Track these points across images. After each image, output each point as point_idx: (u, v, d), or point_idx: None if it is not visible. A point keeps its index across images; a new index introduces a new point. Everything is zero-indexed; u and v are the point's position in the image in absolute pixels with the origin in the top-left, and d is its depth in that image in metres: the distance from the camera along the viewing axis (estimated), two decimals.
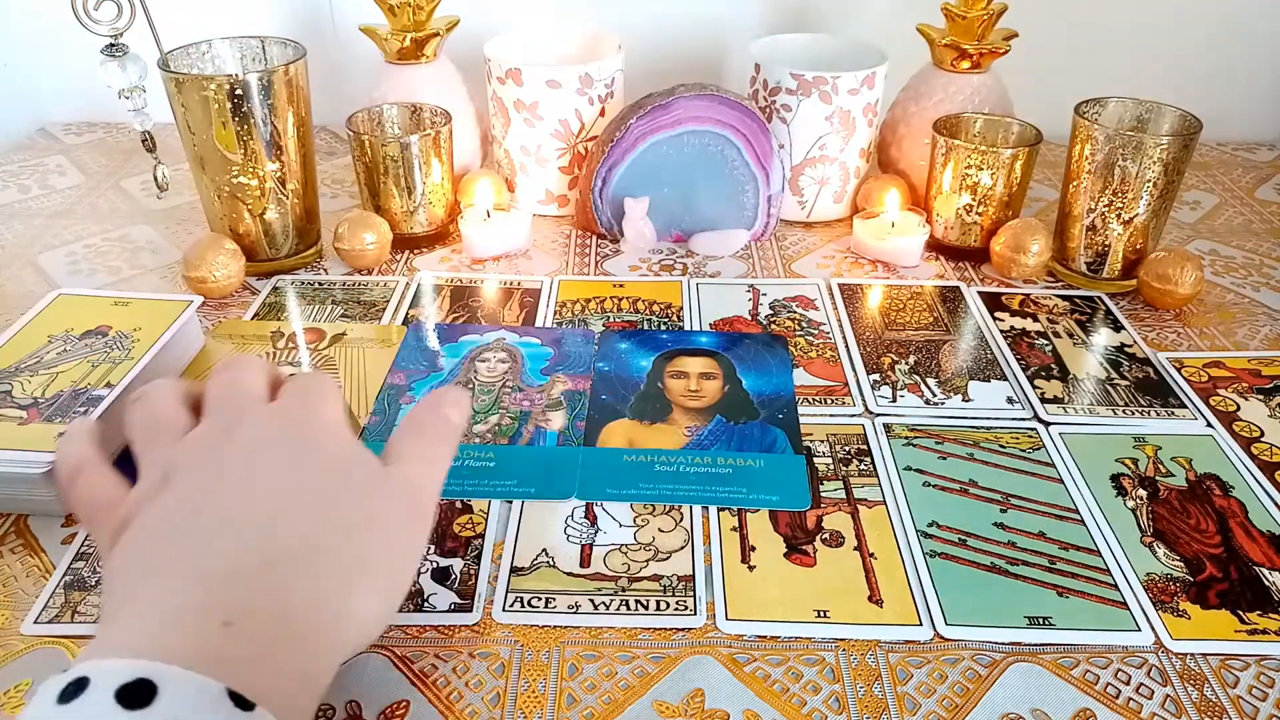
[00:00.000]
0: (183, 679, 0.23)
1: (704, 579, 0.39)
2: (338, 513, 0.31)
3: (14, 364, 0.45)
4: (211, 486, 0.31)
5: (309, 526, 0.30)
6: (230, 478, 0.31)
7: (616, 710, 0.34)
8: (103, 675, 0.23)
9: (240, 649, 0.25)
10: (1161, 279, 0.58)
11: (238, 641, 0.26)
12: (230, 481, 0.31)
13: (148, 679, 0.23)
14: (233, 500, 0.30)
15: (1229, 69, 0.85)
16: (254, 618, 0.26)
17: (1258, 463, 0.46)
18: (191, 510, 0.30)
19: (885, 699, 0.34)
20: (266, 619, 0.27)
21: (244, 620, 0.26)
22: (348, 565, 0.30)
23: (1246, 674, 0.36)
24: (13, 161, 0.79)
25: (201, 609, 0.26)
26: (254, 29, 0.77)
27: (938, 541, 0.41)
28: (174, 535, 0.30)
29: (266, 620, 0.27)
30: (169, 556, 0.29)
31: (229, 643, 0.25)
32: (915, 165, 0.69)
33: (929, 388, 0.51)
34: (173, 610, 0.26)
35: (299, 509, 0.30)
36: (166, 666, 0.23)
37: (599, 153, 0.63)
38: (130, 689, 0.23)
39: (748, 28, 0.83)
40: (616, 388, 0.51)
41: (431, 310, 0.58)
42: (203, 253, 0.57)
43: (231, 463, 0.32)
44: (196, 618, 0.26)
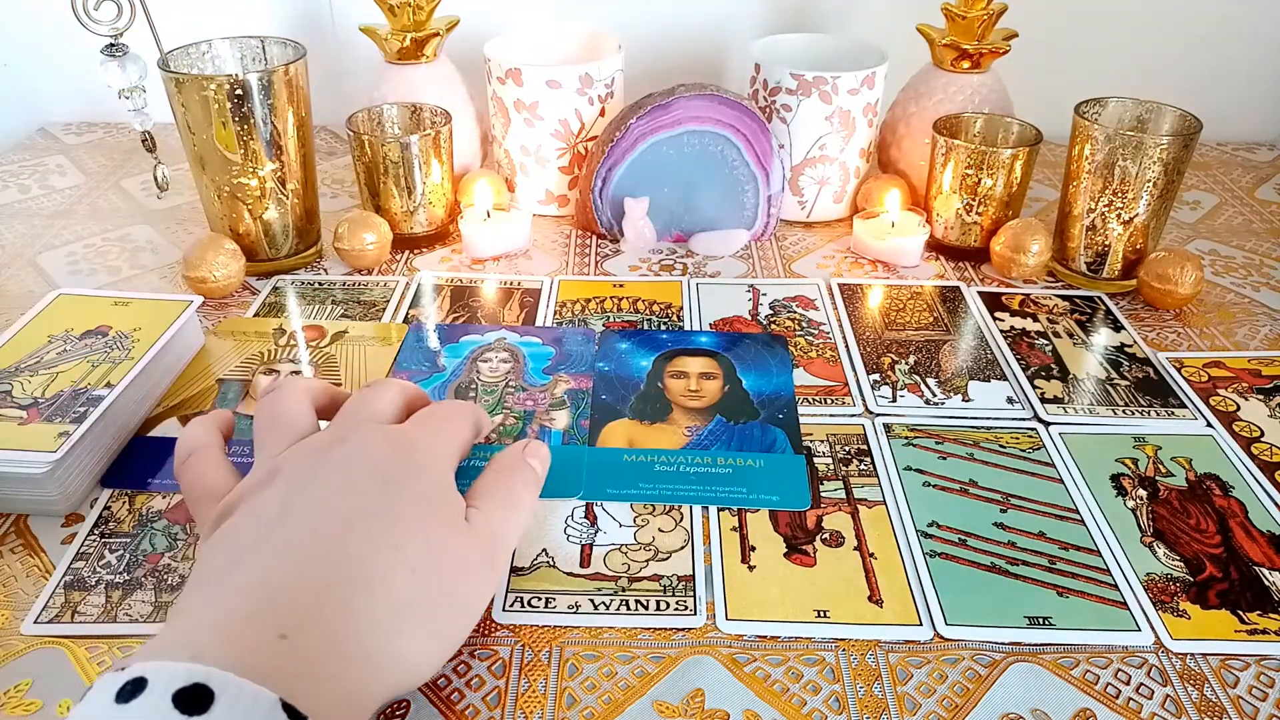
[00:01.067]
0: (239, 687, 0.23)
1: (704, 579, 0.39)
2: (409, 550, 0.30)
3: (14, 364, 0.45)
4: (299, 496, 0.31)
5: (377, 557, 0.30)
6: (318, 491, 0.32)
7: (616, 710, 0.34)
8: (160, 677, 0.23)
9: (293, 663, 0.25)
10: (1161, 279, 0.58)
11: (291, 655, 0.26)
12: (317, 495, 0.31)
13: (205, 684, 0.23)
14: (313, 514, 0.31)
15: (1229, 69, 0.85)
16: (308, 635, 0.26)
17: (1258, 463, 0.46)
18: (275, 517, 0.31)
19: (885, 699, 0.34)
20: (320, 638, 0.27)
21: (298, 635, 0.26)
22: (407, 604, 0.29)
23: (1246, 674, 0.36)
24: (13, 161, 0.79)
25: (261, 619, 0.27)
26: (254, 29, 0.78)
27: (938, 541, 0.41)
28: (253, 539, 0.30)
29: (320, 639, 0.27)
30: (243, 560, 0.29)
31: (283, 655, 0.26)
32: (915, 165, 0.69)
33: (929, 388, 0.51)
34: (234, 616, 0.27)
35: (371, 537, 0.30)
36: (223, 673, 0.23)
37: (599, 153, 0.63)
38: (187, 693, 0.23)
39: (748, 28, 0.83)
40: (616, 388, 0.51)
41: (431, 310, 0.58)
42: (203, 253, 0.57)
43: (325, 476, 0.32)
44: (255, 627, 0.26)
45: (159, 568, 0.39)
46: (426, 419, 0.37)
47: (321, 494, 0.31)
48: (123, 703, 0.23)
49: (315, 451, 0.34)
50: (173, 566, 0.39)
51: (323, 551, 0.29)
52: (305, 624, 0.27)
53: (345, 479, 0.32)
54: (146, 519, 0.42)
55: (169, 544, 0.40)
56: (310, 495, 0.31)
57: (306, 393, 0.38)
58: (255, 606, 0.27)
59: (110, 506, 0.42)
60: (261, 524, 0.31)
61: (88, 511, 0.42)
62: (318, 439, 0.35)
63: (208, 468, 0.36)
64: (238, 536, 0.31)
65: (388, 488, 0.32)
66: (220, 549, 0.31)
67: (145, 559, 0.40)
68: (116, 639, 0.36)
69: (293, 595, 0.28)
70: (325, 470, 0.33)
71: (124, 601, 0.38)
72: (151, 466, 0.44)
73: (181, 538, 0.41)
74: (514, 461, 0.37)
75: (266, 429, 0.36)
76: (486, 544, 0.34)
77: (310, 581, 0.28)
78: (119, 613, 0.37)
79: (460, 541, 0.32)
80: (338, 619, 0.28)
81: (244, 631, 0.26)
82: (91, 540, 0.40)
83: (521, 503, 0.36)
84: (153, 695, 0.23)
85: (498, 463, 0.37)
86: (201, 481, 0.35)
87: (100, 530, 0.41)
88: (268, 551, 0.29)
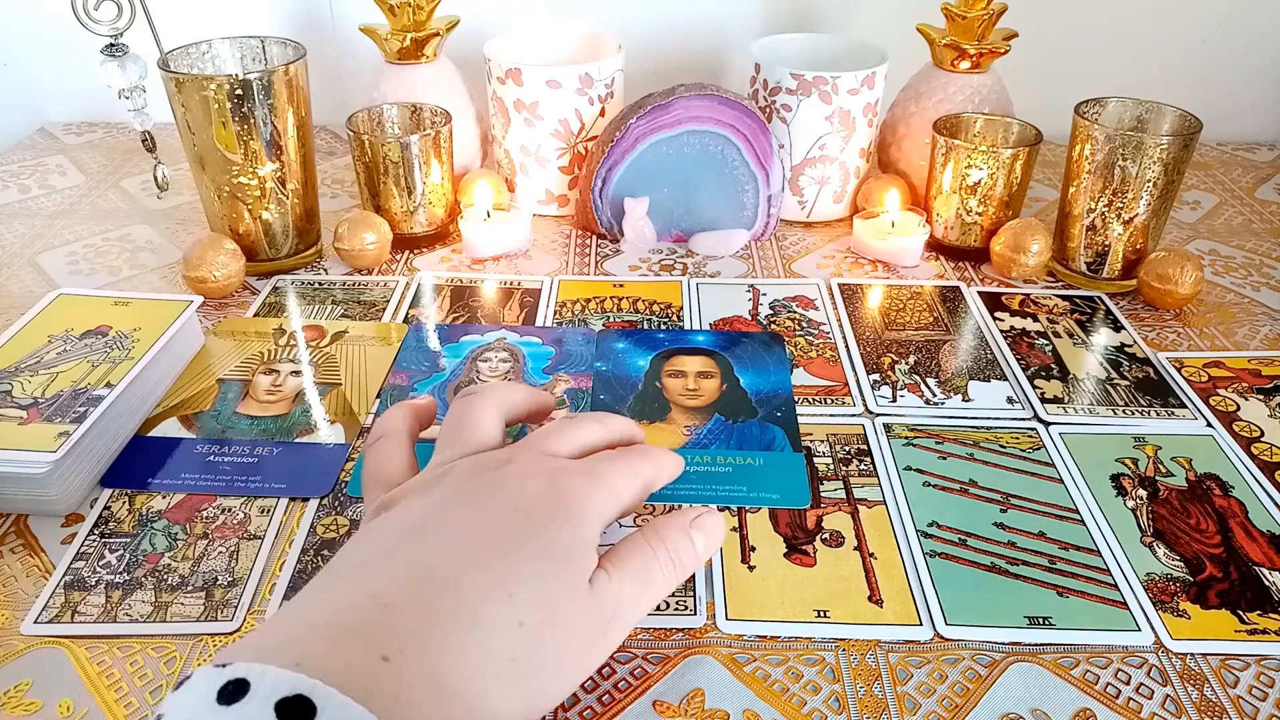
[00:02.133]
0: (342, 705, 0.23)
1: (704, 579, 0.39)
2: (523, 598, 0.29)
3: (14, 364, 0.45)
4: (441, 514, 0.31)
5: (488, 598, 0.29)
6: (459, 513, 0.31)
7: (616, 710, 0.34)
8: (264, 682, 0.23)
9: (391, 689, 0.25)
10: (1161, 279, 0.58)
11: (390, 680, 0.25)
12: (455, 516, 0.31)
13: (308, 697, 0.23)
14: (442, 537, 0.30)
15: (1229, 69, 0.85)
16: (408, 662, 0.26)
17: (1258, 463, 0.46)
18: (412, 529, 0.31)
19: (885, 699, 0.34)
20: (419, 668, 0.26)
21: (399, 661, 0.26)
22: (506, 655, 0.28)
23: (1246, 674, 0.36)
24: (13, 161, 0.79)
25: (366, 634, 0.26)
26: (254, 29, 0.78)
27: (938, 541, 0.41)
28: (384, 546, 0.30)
29: (419, 669, 0.26)
30: (369, 565, 0.29)
31: (383, 679, 0.25)
32: (915, 165, 0.69)
33: (929, 388, 0.51)
34: (342, 626, 0.26)
35: (488, 576, 0.29)
36: (327, 688, 0.23)
37: (599, 153, 0.63)
38: (290, 704, 0.23)
39: (748, 28, 0.83)
40: (615, 388, 0.51)
41: (431, 310, 0.58)
42: (203, 253, 0.57)
43: (472, 499, 0.32)
44: (359, 642, 0.26)
45: (159, 568, 0.39)
46: (596, 465, 0.34)
47: (459, 517, 0.31)
48: (224, 704, 0.23)
49: (477, 470, 0.33)
50: (172, 566, 0.39)
51: (436, 579, 0.29)
52: (407, 650, 0.26)
53: (487, 508, 0.31)
54: (146, 519, 0.42)
55: (169, 544, 0.40)
56: (450, 515, 0.31)
57: (499, 403, 0.37)
58: (364, 620, 0.27)
59: (110, 506, 0.42)
60: (398, 532, 0.31)
61: (88, 511, 0.42)
62: (488, 457, 0.34)
63: (390, 455, 0.36)
64: (375, 538, 0.31)
65: (522, 530, 0.31)
66: (357, 546, 0.31)
67: (145, 559, 0.40)
68: (116, 639, 0.36)
69: (400, 616, 0.27)
70: (474, 494, 0.32)
71: (124, 601, 0.38)
72: (151, 466, 0.44)
73: (181, 538, 0.41)
74: (670, 532, 0.34)
75: (449, 432, 0.36)
76: (604, 612, 0.31)
77: (417, 606, 0.28)
78: (119, 613, 0.37)
79: (577, 604, 0.30)
80: (439, 653, 0.27)
81: (348, 645, 0.26)
82: (91, 540, 0.40)
83: (656, 581, 0.33)
84: (255, 701, 0.23)
85: (653, 527, 0.34)
86: (379, 467, 0.36)
87: (100, 530, 0.41)
88: (389, 564, 0.29)
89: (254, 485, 0.43)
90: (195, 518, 0.42)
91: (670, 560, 0.33)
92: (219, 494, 0.43)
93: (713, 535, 0.35)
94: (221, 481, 0.44)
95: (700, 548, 0.34)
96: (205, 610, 0.37)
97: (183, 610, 0.37)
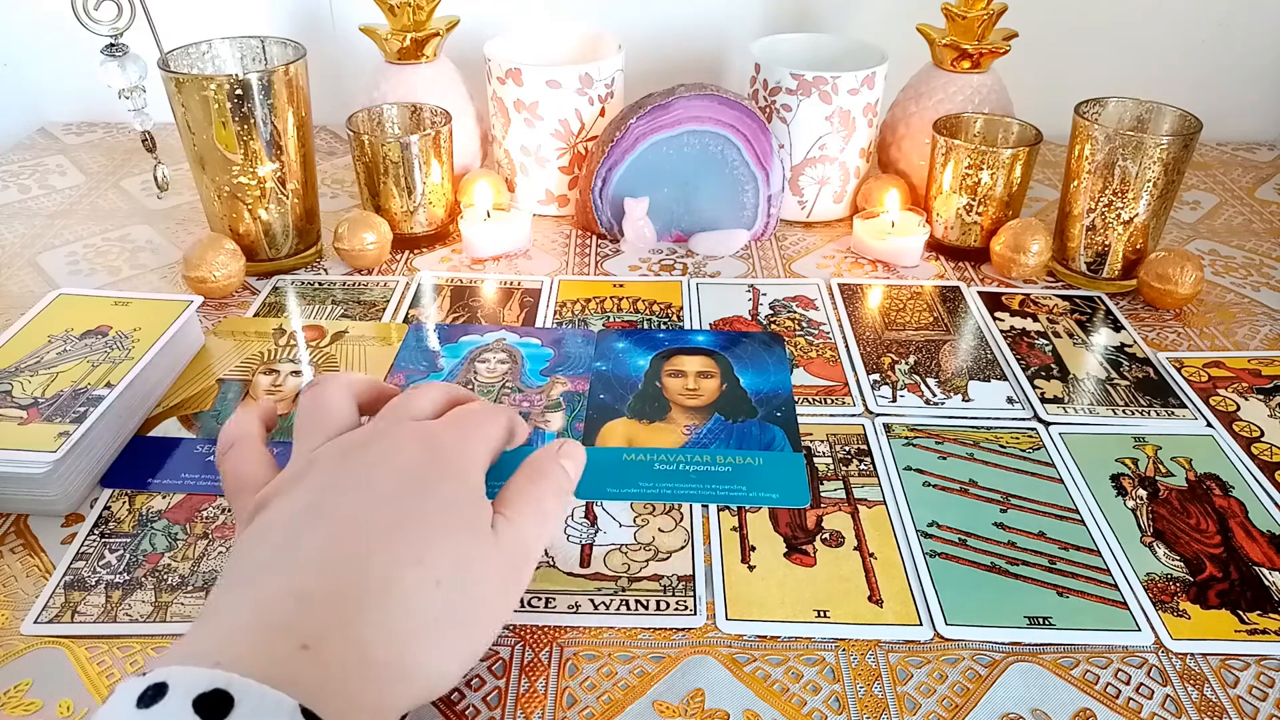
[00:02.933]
0: (260, 694, 0.23)
1: (704, 579, 0.39)
2: (434, 559, 0.30)
3: (14, 364, 0.45)
4: (327, 499, 0.31)
5: (400, 570, 0.29)
6: (346, 494, 0.31)
7: (616, 710, 0.34)
8: (181, 682, 0.23)
9: (314, 673, 0.25)
10: (1161, 279, 0.58)
11: (312, 665, 0.26)
12: (344, 498, 0.31)
13: (225, 690, 0.23)
14: (338, 520, 0.30)
15: (1229, 69, 0.85)
16: (330, 645, 0.26)
17: (1258, 463, 0.46)
18: (303, 520, 0.31)
19: (885, 699, 0.34)
20: (341, 649, 0.26)
21: (320, 646, 0.26)
22: (430, 615, 0.29)
23: (1246, 674, 0.36)
24: (13, 161, 0.79)
25: (284, 627, 0.26)
26: (254, 29, 0.78)
27: (938, 541, 0.41)
28: (280, 542, 0.30)
29: (341, 650, 0.26)
30: (270, 562, 0.29)
31: (304, 665, 0.25)
32: (915, 165, 0.69)
33: (929, 388, 0.51)
34: (258, 624, 0.27)
35: (395, 548, 0.30)
36: (244, 680, 0.23)
37: (599, 153, 0.63)
38: (208, 699, 0.23)
39: (748, 28, 0.83)
40: (614, 387, 0.51)
41: (431, 310, 0.58)
42: (203, 253, 0.57)
43: (354, 478, 0.32)
44: (278, 635, 0.26)
45: (159, 568, 0.39)
46: (460, 418, 0.36)
47: (348, 497, 0.31)
48: (144, 708, 0.23)
49: (348, 449, 0.34)
50: (172, 566, 0.39)
51: (346, 561, 0.29)
52: (327, 635, 0.27)
53: (373, 483, 0.32)
54: (146, 519, 0.42)
55: (169, 544, 0.40)
56: (337, 498, 0.31)
57: (349, 387, 0.38)
58: (278, 615, 0.27)
59: (110, 506, 0.42)
60: (289, 526, 0.31)
61: (88, 511, 0.42)
62: (353, 436, 0.35)
63: (247, 460, 0.36)
64: (267, 536, 0.31)
65: (415, 494, 0.32)
66: (250, 548, 0.31)
67: (145, 559, 0.40)
68: (116, 639, 0.36)
69: (315, 605, 0.27)
70: (355, 471, 0.32)
71: (124, 601, 0.38)
72: (151, 466, 0.44)
73: (181, 538, 0.41)
74: (546, 465, 0.36)
75: (306, 422, 0.36)
76: (513, 555, 0.33)
77: (333, 591, 0.28)
78: (119, 613, 0.37)
79: (486, 553, 0.32)
80: (359, 631, 0.27)
81: (267, 640, 0.26)
82: (91, 540, 0.40)
83: (551, 512, 0.35)
84: (173, 700, 0.23)
85: (529, 465, 0.36)
86: (240, 473, 0.35)
87: (100, 530, 0.41)
88: (292, 558, 0.29)
89: None
90: (195, 518, 0.42)
91: (556, 491, 0.36)
92: (219, 494, 0.43)
93: (578, 459, 0.38)
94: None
95: (572, 473, 0.37)
96: None
97: (183, 610, 0.37)
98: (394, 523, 0.30)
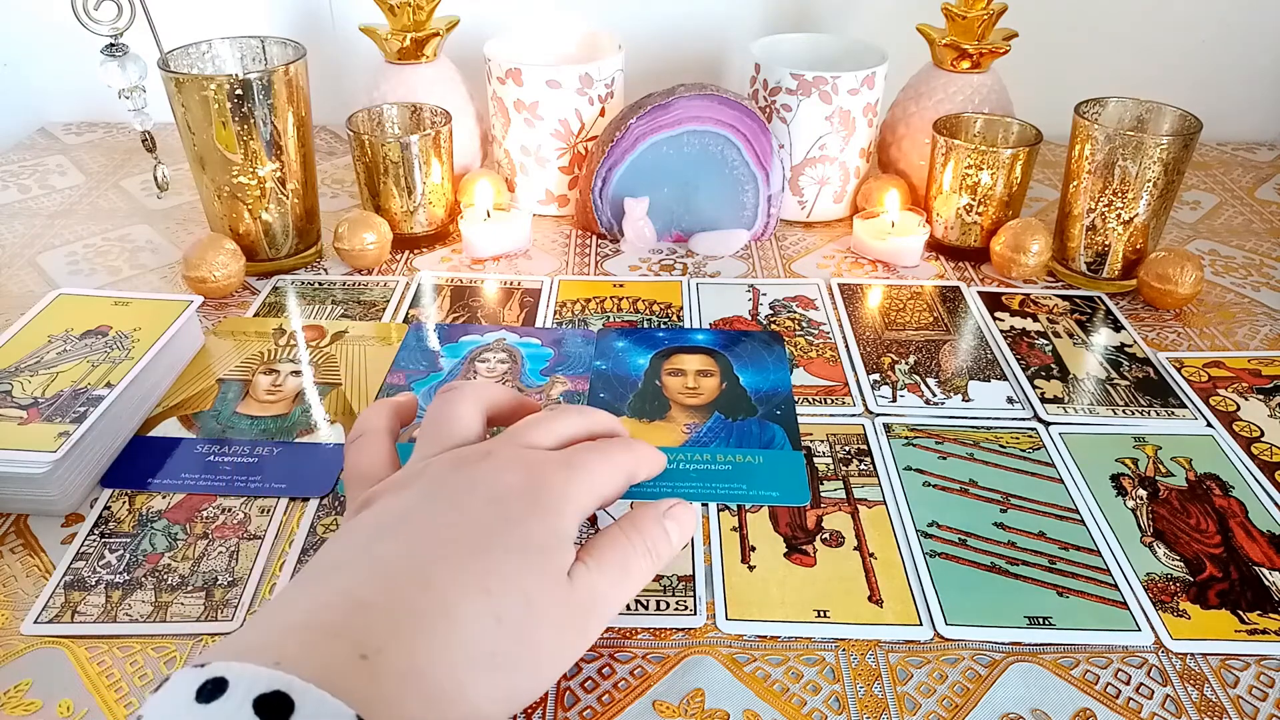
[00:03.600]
0: (319, 700, 0.23)
1: (704, 579, 0.39)
2: (502, 592, 0.29)
3: (14, 364, 0.45)
4: (417, 510, 0.31)
5: (465, 593, 0.28)
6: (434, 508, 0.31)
7: (616, 710, 0.34)
8: (243, 680, 0.23)
9: (370, 685, 0.25)
10: (1161, 279, 0.58)
11: (369, 677, 0.25)
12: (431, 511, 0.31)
13: (286, 693, 0.23)
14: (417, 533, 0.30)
15: (1229, 69, 0.85)
16: (387, 660, 0.26)
17: (1258, 463, 0.46)
18: (391, 525, 0.31)
19: (885, 699, 0.34)
20: (397, 665, 0.26)
21: (378, 659, 0.26)
22: (484, 649, 0.28)
23: (1246, 674, 0.36)
24: (13, 161, 0.79)
25: (346, 635, 0.26)
26: (254, 29, 0.78)
27: (938, 541, 0.41)
28: (362, 545, 0.30)
29: (397, 666, 0.26)
30: (347, 564, 0.29)
31: (361, 675, 0.25)
32: (915, 165, 0.69)
33: (929, 388, 0.51)
34: (320, 626, 0.26)
35: (462, 571, 0.29)
36: (305, 684, 0.23)
37: (599, 153, 0.63)
38: (268, 700, 0.23)
39: (748, 28, 0.83)
40: (614, 386, 0.51)
41: (431, 310, 0.58)
42: (203, 253, 0.57)
43: (448, 494, 0.32)
44: (339, 643, 0.26)
45: (159, 568, 0.39)
46: (574, 455, 0.34)
47: (435, 514, 0.31)
48: (203, 702, 0.23)
49: (457, 465, 0.33)
50: (172, 566, 0.39)
51: (413, 576, 0.28)
52: (385, 648, 0.26)
53: (463, 504, 0.31)
54: (146, 519, 0.42)
55: (169, 544, 0.40)
56: (425, 512, 0.31)
57: (479, 399, 0.37)
58: (341, 619, 0.27)
59: (110, 506, 0.42)
60: (375, 530, 0.31)
61: (88, 511, 0.42)
62: (466, 452, 0.34)
63: (370, 453, 0.36)
64: (355, 536, 0.31)
65: (499, 523, 0.31)
66: (338, 544, 0.31)
67: (145, 559, 0.40)
68: (116, 639, 0.36)
69: (377, 615, 0.27)
70: (453, 488, 0.32)
71: (124, 601, 0.38)
72: (151, 466, 0.44)
73: (181, 538, 0.41)
74: (646, 523, 0.34)
75: (429, 429, 0.36)
76: (582, 605, 0.31)
77: (395, 605, 0.28)
78: (119, 613, 0.37)
79: (555, 597, 0.30)
80: (415, 650, 0.27)
81: (327, 645, 0.26)
82: (91, 540, 0.40)
83: (635, 572, 0.33)
84: (233, 698, 0.23)
85: (630, 518, 0.34)
86: (359, 465, 0.36)
87: (100, 530, 0.41)
88: (366, 563, 0.29)
89: (254, 485, 0.43)
90: (195, 518, 0.42)
91: (647, 551, 0.33)
92: (219, 494, 0.43)
93: (685, 525, 0.35)
94: (221, 481, 0.44)
95: (675, 538, 0.35)
96: (205, 610, 0.37)
97: (183, 610, 0.37)
98: (470, 547, 0.30)
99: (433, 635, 0.27)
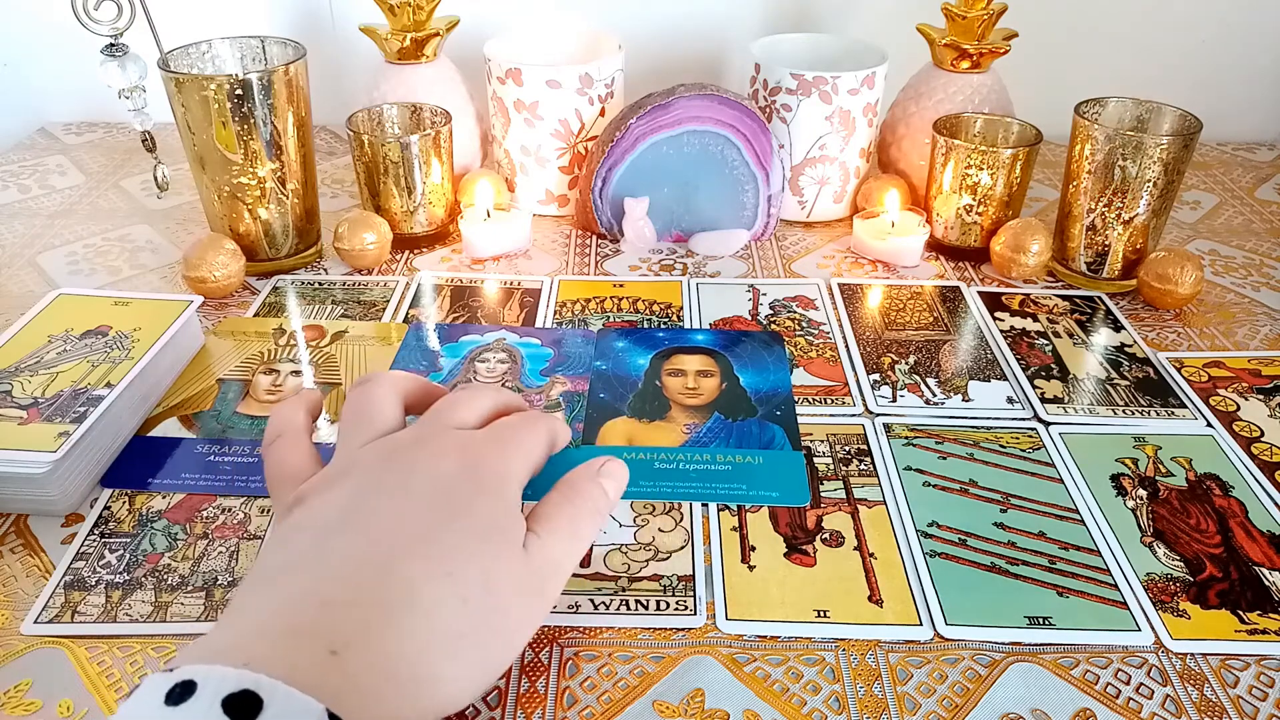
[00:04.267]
0: (288, 696, 0.23)
1: (704, 579, 0.39)
2: (463, 578, 0.29)
3: (14, 364, 0.45)
4: (362, 503, 0.31)
5: (429, 582, 0.29)
6: (381, 501, 0.31)
7: (616, 710, 0.34)
8: (210, 681, 0.23)
9: (341, 680, 0.25)
10: (1161, 279, 0.58)
11: (340, 672, 0.26)
12: (378, 504, 0.31)
13: (254, 691, 0.23)
14: (371, 527, 0.30)
15: (1229, 69, 0.85)
16: (357, 653, 0.26)
17: (1258, 463, 0.46)
18: (336, 522, 0.31)
19: (885, 699, 0.34)
20: (367, 658, 0.26)
21: (347, 653, 0.26)
22: (455, 633, 0.29)
23: (1246, 674, 0.36)
24: (13, 161, 0.79)
25: (313, 632, 0.26)
26: (254, 29, 0.78)
27: (938, 541, 0.41)
28: (312, 543, 0.30)
29: (367, 659, 0.26)
30: (301, 563, 0.29)
31: (332, 671, 0.25)
32: (915, 165, 0.69)
33: (929, 388, 0.51)
34: (287, 626, 0.27)
35: (426, 560, 0.29)
36: (273, 681, 0.23)
37: (599, 153, 0.63)
38: (236, 699, 0.23)
39: (748, 28, 0.83)
40: (614, 386, 0.51)
41: (431, 310, 0.58)
42: (203, 253, 0.57)
43: (390, 484, 0.32)
44: (307, 639, 0.26)
45: (159, 568, 0.39)
46: (502, 432, 0.36)
47: (383, 505, 0.31)
48: (172, 705, 0.23)
49: (388, 454, 0.33)
50: (172, 566, 0.39)
51: (373, 569, 0.29)
52: (354, 642, 0.26)
53: (409, 492, 0.32)
54: (146, 519, 0.42)
55: (169, 544, 0.40)
56: (372, 505, 0.31)
57: (395, 387, 0.37)
58: (308, 619, 0.27)
59: (110, 506, 0.42)
60: (322, 527, 0.31)
61: (88, 511, 0.42)
62: (394, 440, 0.34)
63: (290, 452, 0.36)
64: (299, 535, 0.31)
65: (449, 507, 0.31)
66: (282, 545, 0.31)
67: (145, 559, 0.40)
68: (116, 639, 0.36)
69: (344, 611, 0.27)
70: (392, 477, 0.32)
71: (124, 601, 0.38)
72: (151, 466, 0.44)
73: (181, 538, 0.41)
74: (585, 484, 0.36)
75: (350, 421, 0.36)
76: (541, 573, 0.32)
77: (361, 599, 0.28)
78: (119, 613, 0.37)
79: (515, 570, 0.31)
80: (386, 641, 0.27)
81: (294, 643, 0.26)
82: (91, 540, 0.40)
83: (584, 532, 0.35)
84: (202, 699, 0.23)
85: (568, 483, 0.36)
86: (283, 465, 0.35)
87: (100, 530, 0.41)
88: (323, 561, 0.29)
89: (254, 485, 0.43)
90: (195, 518, 0.42)
91: (591, 510, 0.35)
92: (219, 494, 0.43)
93: (620, 480, 0.37)
94: (222, 481, 0.44)
95: (612, 494, 0.36)
96: (205, 610, 0.37)
97: (183, 610, 0.37)
98: (426, 535, 0.30)
99: (402, 625, 0.28)
